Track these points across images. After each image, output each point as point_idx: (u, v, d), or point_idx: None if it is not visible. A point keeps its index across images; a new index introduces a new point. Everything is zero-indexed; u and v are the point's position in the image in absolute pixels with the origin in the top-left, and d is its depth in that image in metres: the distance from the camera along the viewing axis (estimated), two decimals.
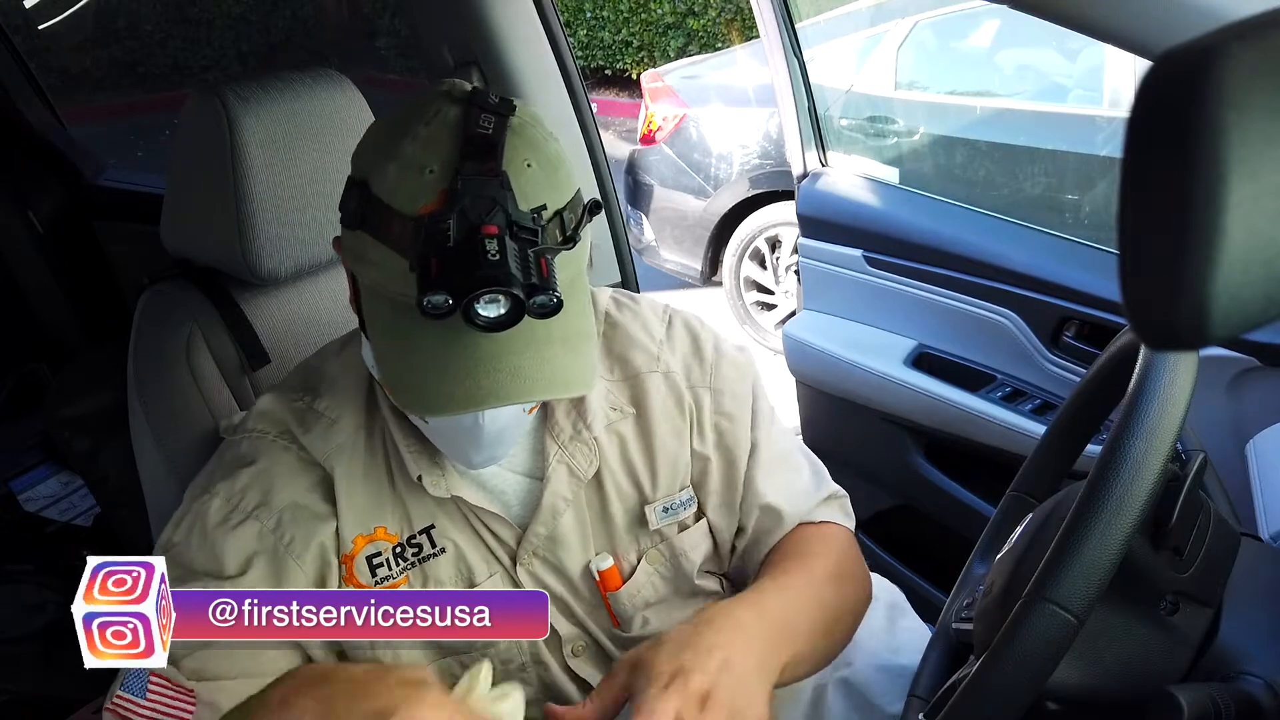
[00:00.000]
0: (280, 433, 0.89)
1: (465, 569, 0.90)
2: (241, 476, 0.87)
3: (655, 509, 0.94)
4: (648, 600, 0.95)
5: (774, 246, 3.77)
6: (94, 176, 2.32)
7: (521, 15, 1.49)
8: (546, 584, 0.91)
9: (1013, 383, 1.72)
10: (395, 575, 0.88)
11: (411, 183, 0.73)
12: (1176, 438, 0.67)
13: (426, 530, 0.89)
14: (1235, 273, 0.36)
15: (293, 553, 0.85)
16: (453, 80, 0.79)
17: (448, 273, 0.68)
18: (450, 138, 0.73)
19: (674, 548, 0.95)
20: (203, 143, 1.06)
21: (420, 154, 0.73)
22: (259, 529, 0.85)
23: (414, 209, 0.72)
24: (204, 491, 0.88)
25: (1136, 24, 0.76)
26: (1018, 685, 0.66)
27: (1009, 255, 1.71)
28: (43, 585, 1.88)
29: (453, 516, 0.89)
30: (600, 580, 0.92)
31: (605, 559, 0.93)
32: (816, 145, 2.07)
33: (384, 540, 0.88)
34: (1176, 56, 0.36)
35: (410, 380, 0.75)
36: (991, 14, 2.85)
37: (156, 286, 1.14)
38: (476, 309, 0.68)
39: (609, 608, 0.93)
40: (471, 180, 0.71)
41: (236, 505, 0.86)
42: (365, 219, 0.76)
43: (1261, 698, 0.69)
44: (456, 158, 0.72)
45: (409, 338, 0.74)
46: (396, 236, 0.73)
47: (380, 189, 0.75)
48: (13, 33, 2.39)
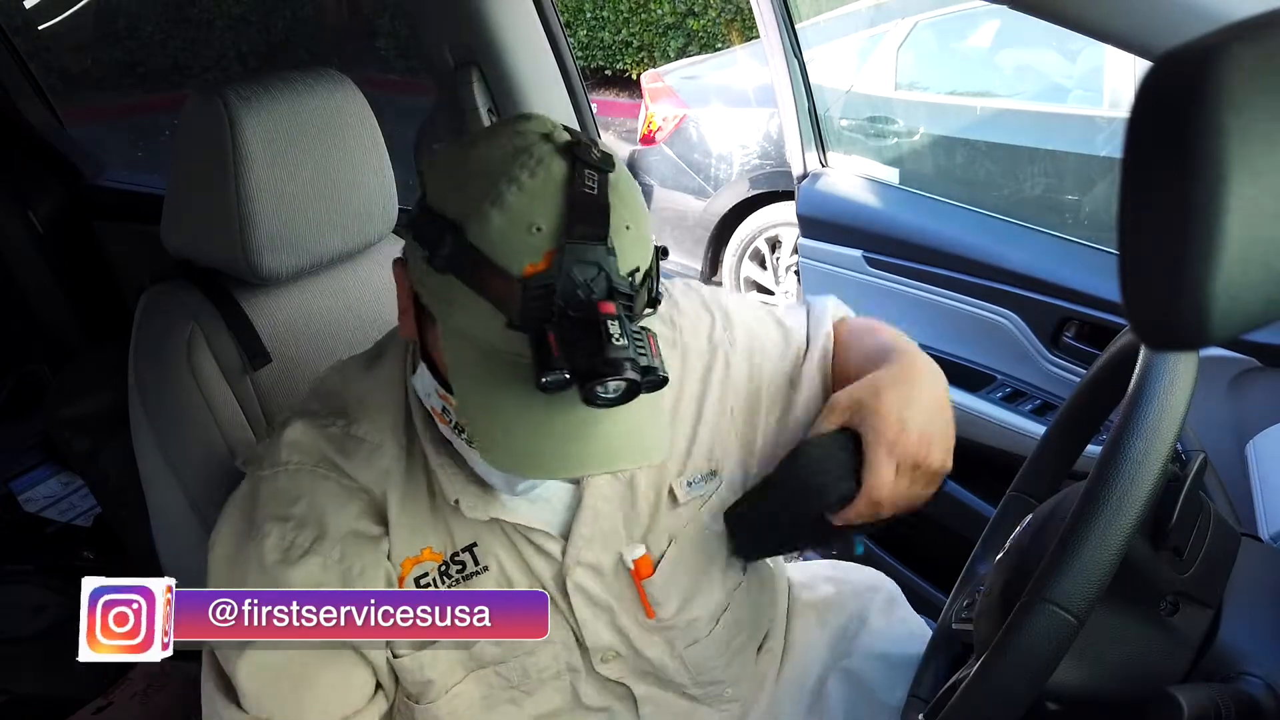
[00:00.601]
0: (318, 462, 0.87)
1: (506, 585, 0.90)
2: (292, 514, 0.85)
3: (681, 483, 0.95)
4: (679, 584, 0.95)
5: (774, 247, 3.77)
6: (94, 176, 2.32)
7: (521, 16, 1.49)
8: (591, 592, 0.92)
9: (1013, 383, 1.72)
10: None
11: (518, 238, 0.71)
12: (1176, 438, 0.67)
13: (469, 548, 0.89)
14: (1235, 273, 0.36)
15: (366, 578, 0.85)
16: (543, 118, 0.78)
17: (568, 352, 0.67)
18: (558, 194, 0.71)
19: (701, 525, 0.96)
20: (204, 143, 1.06)
21: (526, 208, 0.71)
22: (323, 562, 0.85)
23: (519, 268, 0.70)
24: (252, 530, 0.86)
25: (1136, 24, 0.76)
26: (1018, 686, 0.66)
27: (1009, 256, 1.71)
28: (43, 586, 1.88)
29: (494, 534, 0.89)
30: (635, 570, 0.92)
31: (638, 548, 0.92)
32: (816, 146, 2.07)
33: (429, 560, 0.88)
34: (1177, 57, 0.36)
35: (499, 436, 0.74)
36: (991, 14, 2.85)
37: (157, 286, 1.14)
38: (597, 391, 0.68)
39: (643, 597, 0.93)
40: (579, 245, 0.70)
41: (293, 542, 0.85)
42: (460, 266, 0.73)
43: (1261, 698, 0.69)
44: (565, 219, 0.70)
45: (499, 391, 0.73)
46: (496, 292, 0.71)
47: (480, 238, 0.72)
48: (13, 33, 2.39)
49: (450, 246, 0.73)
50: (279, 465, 0.88)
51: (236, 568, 0.86)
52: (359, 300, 1.20)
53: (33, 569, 1.93)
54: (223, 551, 0.88)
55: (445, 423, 0.83)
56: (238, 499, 0.90)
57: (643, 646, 0.95)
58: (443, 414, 0.83)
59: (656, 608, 0.94)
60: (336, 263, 1.19)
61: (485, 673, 0.91)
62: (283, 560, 0.84)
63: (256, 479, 0.89)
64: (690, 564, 0.96)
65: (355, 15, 7.62)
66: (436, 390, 0.81)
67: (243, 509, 0.89)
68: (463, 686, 0.90)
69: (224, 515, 0.90)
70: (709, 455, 0.96)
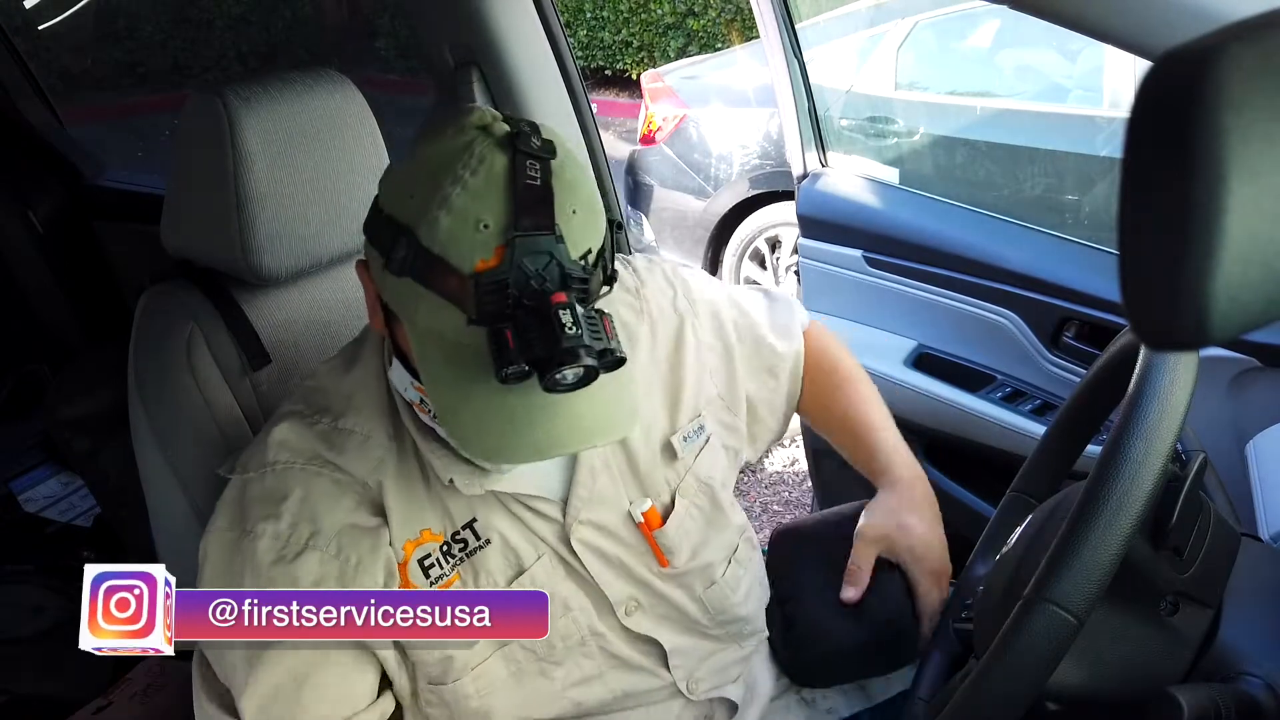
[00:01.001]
0: (309, 459, 0.88)
1: (513, 556, 0.91)
2: (284, 511, 0.85)
3: (678, 439, 0.98)
4: (689, 533, 0.98)
5: (774, 247, 3.76)
6: (94, 176, 2.32)
7: (521, 16, 1.49)
8: (599, 547, 0.93)
9: (1013, 383, 1.72)
10: (448, 573, 0.89)
11: (467, 237, 0.73)
12: (1176, 438, 0.67)
13: (469, 525, 0.90)
14: (1235, 273, 0.36)
15: (362, 572, 0.85)
16: (482, 110, 0.79)
17: (523, 344, 0.70)
18: (501, 189, 0.73)
19: (699, 475, 0.99)
20: (203, 143, 1.06)
21: (472, 206, 0.73)
22: (320, 557, 0.85)
23: (470, 266, 0.73)
24: (244, 534, 0.86)
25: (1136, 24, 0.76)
26: (1018, 685, 0.66)
27: (1009, 256, 1.71)
28: (43, 586, 1.88)
29: (491, 507, 0.90)
30: (644, 523, 0.95)
31: (644, 502, 0.95)
32: (816, 146, 2.06)
33: (430, 541, 0.88)
34: (1176, 57, 0.36)
35: (471, 428, 0.77)
36: (991, 14, 2.86)
37: (157, 287, 1.13)
38: (555, 379, 0.70)
39: (655, 548, 0.95)
40: (527, 237, 0.72)
41: (289, 539, 0.85)
42: (416, 269, 0.75)
43: (1261, 698, 0.69)
44: (510, 212, 0.73)
45: (467, 384, 0.75)
46: (453, 290, 0.74)
47: (431, 241, 0.74)
48: (13, 33, 2.39)
49: (404, 250, 0.75)
50: (266, 466, 0.88)
51: (231, 573, 0.86)
52: (358, 301, 1.20)
53: (33, 569, 1.93)
54: (216, 558, 0.87)
55: (425, 412, 0.86)
56: (224, 505, 0.89)
57: (663, 593, 0.97)
58: (421, 404, 0.85)
59: (670, 556, 0.96)
60: (336, 263, 1.19)
61: (510, 649, 0.90)
62: (279, 560, 0.84)
63: (243, 482, 0.89)
64: (697, 512, 0.99)
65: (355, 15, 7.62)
66: (412, 383, 0.84)
67: (231, 515, 0.88)
68: (488, 665, 0.90)
69: (211, 525, 0.89)
70: (695, 410, 1.01)
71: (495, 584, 0.90)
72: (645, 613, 0.96)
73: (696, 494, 1.00)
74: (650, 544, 0.96)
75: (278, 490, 0.86)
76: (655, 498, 0.97)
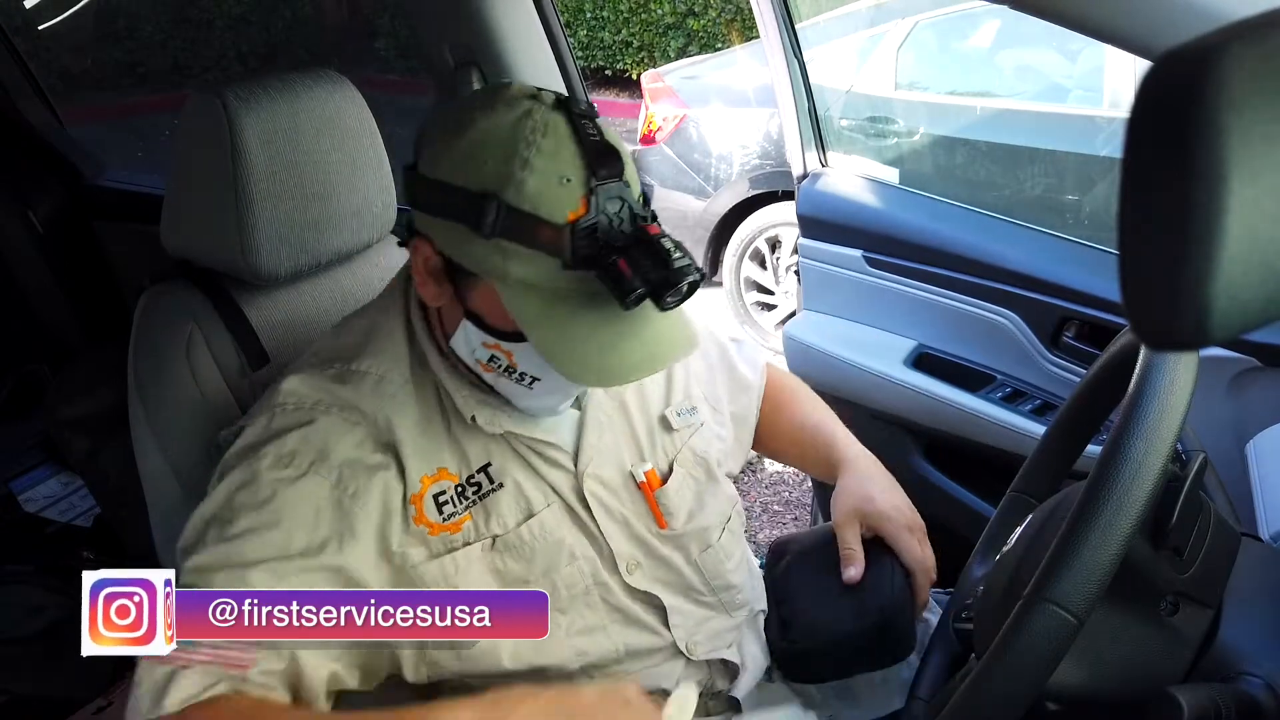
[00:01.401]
0: (316, 402, 0.91)
1: (524, 501, 0.94)
2: (289, 439, 0.88)
3: (672, 413, 1.06)
4: (686, 499, 1.04)
5: (774, 247, 3.77)
6: (94, 176, 2.32)
7: (521, 15, 1.49)
8: (605, 501, 0.98)
9: (1013, 383, 1.72)
10: (460, 512, 0.92)
11: (553, 192, 0.80)
12: (1176, 438, 0.67)
13: (484, 468, 0.94)
14: (1235, 273, 0.36)
15: (359, 503, 0.88)
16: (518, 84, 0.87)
17: (639, 273, 0.79)
18: (572, 146, 0.82)
19: (694, 449, 1.06)
20: (204, 143, 1.06)
21: (551, 165, 0.81)
22: (320, 482, 0.87)
23: (563, 217, 0.80)
24: (248, 461, 0.88)
25: (1136, 24, 0.76)
26: (1018, 685, 0.66)
27: (1009, 255, 1.71)
28: (43, 586, 1.88)
29: (506, 453, 0.95)
30: (645, 483, 1.01)
31: (644, 464, 1.02)
32: (816, 146, 2.06)
33: (446, 479, 0.92)
34: (1177, 57, 0.36)
35: (576, 360, 0.83)
36: (991, 14, 2.86)
37: (157, 287, 1.13)
38: (668, 298, 0.79)
39: (654, 508, 1.01)
40: (604, 184, 0.81)
41: (291, 461, 0.87)
42: (508, 228, 0.81)
43: (1261, 698, 0.69)
44: (586, 165, 0.81)
45: (570, 323, 0.83)
46: (547, 241, 0.81)
47: (520, 200, 0.81)
48: (13, 33, 2.39)
49: (494, 213, 0.81)
50: (274, 408, 0.91)
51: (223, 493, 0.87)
52: (358, 301, 1.20)
53: (33, 569, 1.93)
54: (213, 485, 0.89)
55: (491, 370, 0.90)
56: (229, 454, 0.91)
57: (661, 555, 1.01)
58: (489, 363, 0.90)
59: (668, 518, 1.01)
60: (335, 263, 1.19)
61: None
62: (280, 479, 0.86)
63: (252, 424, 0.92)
64: (693, 481, 1.05)
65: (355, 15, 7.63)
66: (483, 343, 0.89)
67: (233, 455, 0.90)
68: None
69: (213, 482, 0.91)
70: (687, 392, 1.09)
71: (505, 526, 0.93)
72: (644, 573, 1.00)
73: (693, 466, 1.05)
74: (650, 504, 1.01)
75: (284, 426, 0.89)
76: (654, 464, 1.03)
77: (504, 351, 0.88)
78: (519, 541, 0.93)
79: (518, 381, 0.89)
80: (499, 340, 0.88)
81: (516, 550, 0.93)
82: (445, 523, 0.91)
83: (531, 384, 0.89)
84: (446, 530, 0.91)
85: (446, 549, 0.91)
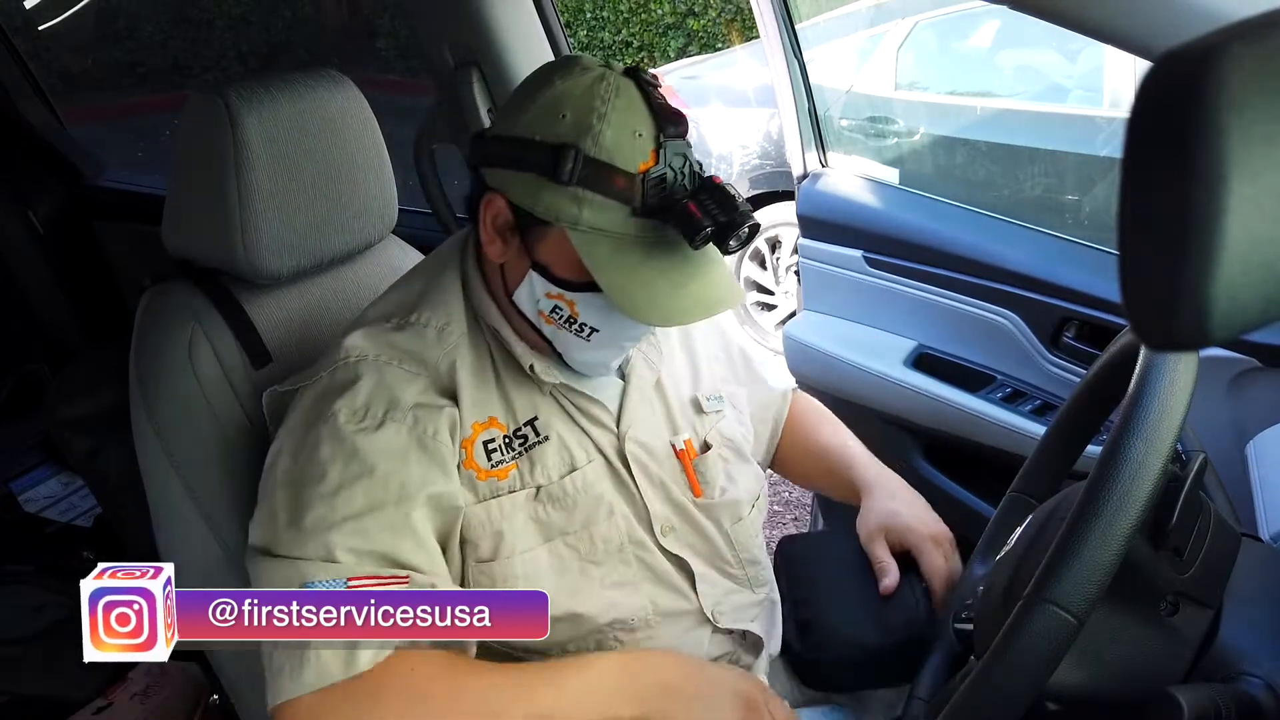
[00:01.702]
0: (379, 353, 0.95)
1: (567, 455, 0.99)
2: (359, 390, 0.92)
3: (703, 397, 1.12)
4: (719, 469, 1.08)
5: (774, 247, 3.76)
6: (94, 176, 2.32)
7: (521, 15, 1.49)
8: (643, 462, 1.03)
9: (1013, 383, 1.72)
10: (507, 460, 0.96)
11: (628, 144, 0.88)
12: (1176, 438, 0.67)
13: (530, 422, 0.99)
14: (1235, 274, 0.36)
15: (440, 440, 0.92)
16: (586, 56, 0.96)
17: (707, 213, 0.87)
18: (643, 107, 0.90)
19: (723, 432, 1.12)
20: (205, 143, 1.06)
21: (627, 120, 0.89)
22: (398, 429, 0.91)
23: (635, 166, 0.88)
24: (320, 418, 0.91)
25: (1136, 24, 0.76)
26: (1018, 686, 0.66)
27: (1009, 256, 1.71)
28: (43, 586, 1.88)
29: (553, 409, 1.00)
30: (683, 452, 1.06)
31: (683, 434, 1.08)
32: (816, 146, 2.06)
33: (496, 428, 0.97)
34: (1177, 57, 0.36)
35: (644, 300, 0.89)
36: (991, 14, 2.86)
37: (158, 287, 1.13)
38: (731, 241, 0.88)
39: (692, 476, 1.06)
40: (671, 141, 0.90)
41: (366, 413, 0.91)
42: (585, 176, 0.88)
43: (1261, 698, 0.69)
44: (655, 123, 0.89)
45: (638, 267, 0.89)
46: (620, 189, 0.88)
47: (598, 150, 0.88)
48: (13, 33, 2.39)
49: (573, 162, 0.88)
50: (337, 362, 0.95)
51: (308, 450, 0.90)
52: (360, 300, 1.20)
53: (33, 569, 1.93)
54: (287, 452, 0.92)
55: (552, 322, 0.95)
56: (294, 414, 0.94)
57: (696, 520, 1.05)
58: (551, 314, 0.95)
59: (705, 487, 1.06)
60: (337, 262, 1.19)
61: (556, 544, 0.97)
62: (360, 430, 0.89)
63: (312, 384, 0.95)
64: (722, 458, 1.10)
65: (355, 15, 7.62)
66: (547, 293, 0.93)
67: (301, 415, 0.93)
68: (535, 554, 0.96)
69: (280, 436, 0.94)
70: (713, 383, 1.15)
71: (549, 478, 0.97)
72: (678, 537, 1.03)
73: (722, 446, 1.10)
74: (688, 472, 1.06)
75: (349, 379, 0.93)
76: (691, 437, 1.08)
77: (567, 301, 0.93)
78: (562, 493, 0.97)
79: (577, 333, 0.94)
80: (563, 290, 0.92)
81: (559, 501, 0.97)
82: (493, 469, 0.95)
83: (590, 335, 0.94)
84: (494, 476, 0.95)
85: (493, 494, 0.94)
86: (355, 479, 0.87)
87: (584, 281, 0.91)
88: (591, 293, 0.91)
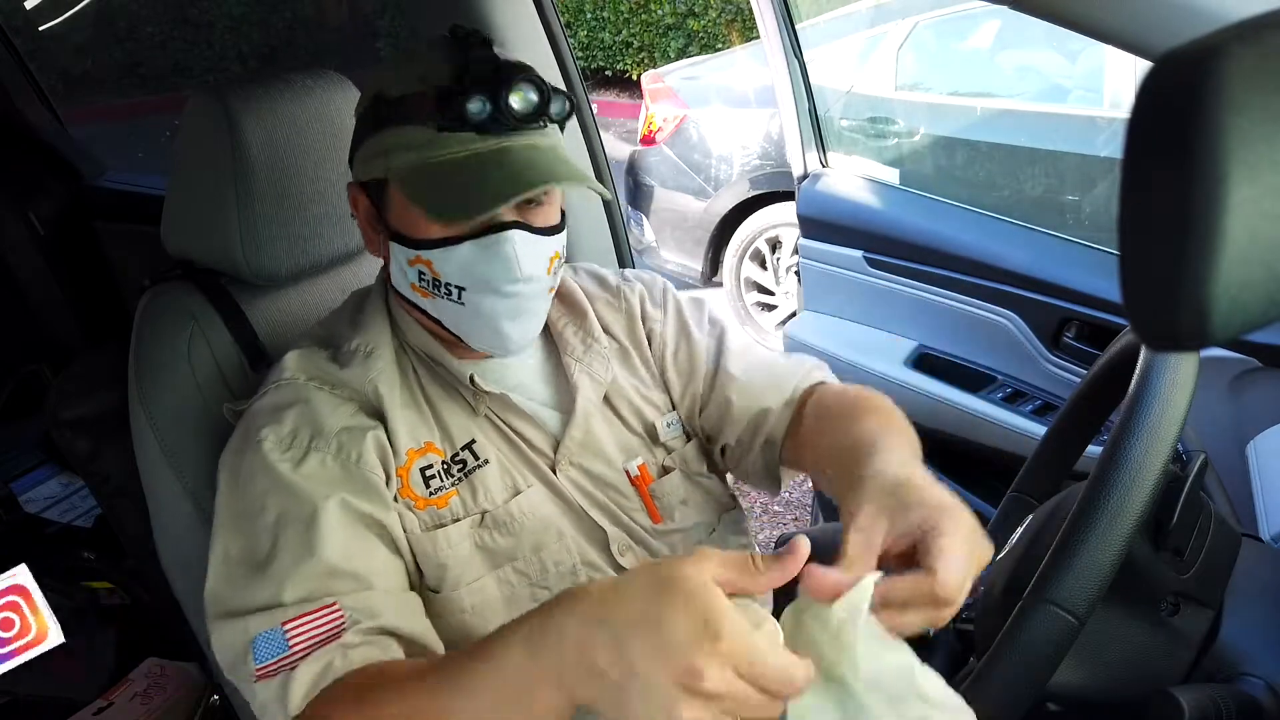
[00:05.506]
0: (310, 377, 0.93)
1: (509, 479, 0.95)
2: (285, 418, 0.89)
3: (661, 422, 1.06)
4: (677, 495, 1.03)
5: (774, 247, 3.76)
6: (94, 177, 2.32)
7: (521, 15, 1.49)
8: (584, 487, 0.98)
9: (1013, 384, 1.72)
10: (446, 487, 0.93)
11: (421, 70, 0.87)
12: (1177, 439, 0.67)
13: (469, 445, 0.95)
14: (1235, 274, 0.36)
15: (364, 464, 0.89)
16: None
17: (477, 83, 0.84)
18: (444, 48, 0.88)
19: (683, 455, 1.06)
20: (204, 144, 1.06)
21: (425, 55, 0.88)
22: (322, 458, 0.88)
23: (430, 88, 0.85)
24: (247, 444, 0.89)
25: (1136, 25, 0.76)
26: (1019, 686, 0.66)
27: (1009, 256, 1.71)
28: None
29: (489, 432, 0.96)
30: (639, 478, 1.01)
31: (637, 459, 1.02)
32: (817, 146, 2.07)
33: (433, 454, 0.93)
34: (1177, 58, 0.36)
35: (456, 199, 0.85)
36: (991, 15, 2.86)
37: (157, 287, 1.13)
38: (512, 105, 0.85)
39: (649, 502, 1.01)
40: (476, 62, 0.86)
41: (291, 443, 0.88)
42: (387, 117, 0.87)
43: (1261, 698, 0.69)
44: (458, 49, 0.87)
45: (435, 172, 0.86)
46: (418, 111, 0.86)
47: (394, 89, 0.87)
48: (13, 33, 2.39)
49: (371, 113, 0.89)
50: (270, 384, 0.94)
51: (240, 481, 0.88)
52: None
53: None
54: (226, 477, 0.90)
55: (428, 295, 0.91)
56: (237, 431, 0.93)
57: (654, 548, 1.00)
58: (420, 284, 0.91)
59: (663, 514, 1.01)
60: (336, 263, 1.19)
61: (504, 570, 0.93)
62: (284, 459, 0.87)
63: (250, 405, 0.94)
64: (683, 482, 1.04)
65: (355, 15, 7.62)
66: (408, 260, 0.90)
67: (238, 436, 0.92)
68: (483, 583, 0.92)
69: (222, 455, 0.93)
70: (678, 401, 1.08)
71: (493, 502, 0.93)
72: (635, 556, 0.99)
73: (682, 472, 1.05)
74: (644, 498, 1.01)
75: (280, 401, 0.91)
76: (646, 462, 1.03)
77: (424, 261, 0.89)
78: (508, 518, 0.93)
79: (447, 297, 0.90)
80: (418, 251, 0.89)
81: (505, 526, 0.93)
82: (431, 497, 0.91)
83: (460, 296, 0.89)
84: (433, 505, 0.91)
85: (436, 523, 0.91)
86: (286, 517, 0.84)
87: (434, 239, 0.87)
88: (442, 247, 0.87)
